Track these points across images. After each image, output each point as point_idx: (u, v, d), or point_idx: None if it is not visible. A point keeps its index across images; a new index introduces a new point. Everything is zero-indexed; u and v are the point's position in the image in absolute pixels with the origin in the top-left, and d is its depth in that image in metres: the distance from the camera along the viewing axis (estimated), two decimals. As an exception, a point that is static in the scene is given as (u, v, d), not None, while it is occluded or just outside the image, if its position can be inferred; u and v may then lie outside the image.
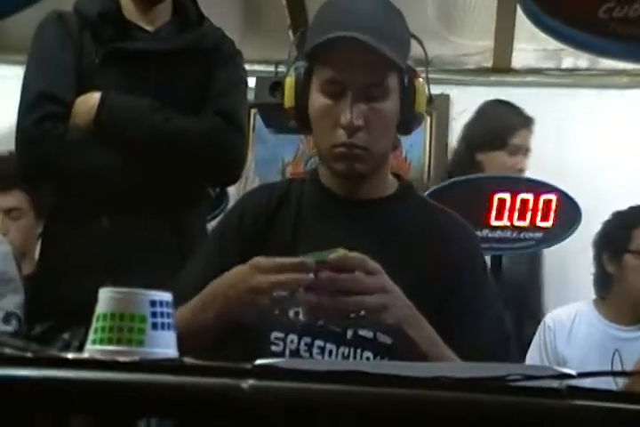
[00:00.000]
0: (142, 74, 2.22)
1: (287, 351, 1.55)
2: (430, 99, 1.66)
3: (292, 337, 1.56)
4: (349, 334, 1.55)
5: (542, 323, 3.03)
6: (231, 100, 2.25)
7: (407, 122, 1.64)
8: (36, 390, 0.88)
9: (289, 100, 1.63)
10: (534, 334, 3.01)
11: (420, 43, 1.66)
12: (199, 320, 1.50)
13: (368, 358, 1.54)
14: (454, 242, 1.63)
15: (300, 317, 1.53)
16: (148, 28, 2.28)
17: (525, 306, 3.44)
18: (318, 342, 1.55)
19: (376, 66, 1.56)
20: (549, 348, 2.98)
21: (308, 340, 1.56)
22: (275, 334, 1.57)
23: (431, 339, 1.47)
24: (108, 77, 2.21)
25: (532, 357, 2.93)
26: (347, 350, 1.55)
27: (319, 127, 1.61)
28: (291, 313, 1.55)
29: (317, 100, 1.59)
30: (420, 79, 1.63)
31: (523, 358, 2.81)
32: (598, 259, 3.02)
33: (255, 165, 4.23)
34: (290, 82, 1.63)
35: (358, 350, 1.55)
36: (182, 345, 1.09)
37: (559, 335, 2.97)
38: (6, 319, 2.06)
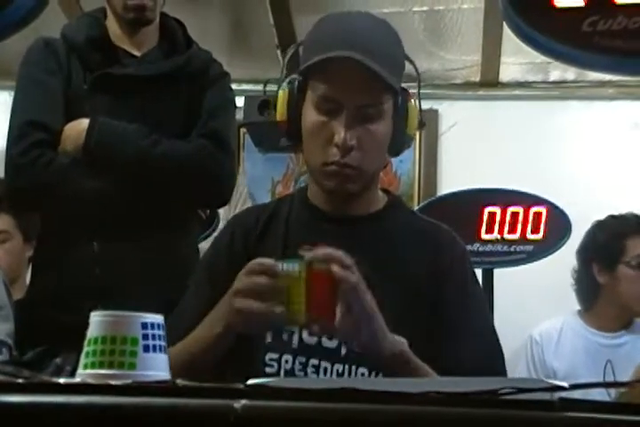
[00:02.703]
0: (130, 99, 2.22)
1: (282, 372, 1.55)
2: (422, 122, 1.66)
3: (287, 357, 1.56)
4: (343, 350, 1.55)
5: (529, 337, 3.03)
6: (219, 123, 2.25)
7: (398, 144, 1.64)
8: (28, 415, 0.88)
9: (281, 113, 1.62)
10: None
11: (413, 64, 1.65)
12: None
13: (363, 375, 1.54)
14: (443, 256, 1.63)
15: (294, 338, 1.54)
16: (135, 52, 2.28)
17: None
18: (313, 361, 1.55)
19: (373, 87, 1.55)
20: (538, 361, 2.98)
21: (303, 359, 1.55)
22: (269, 356, 1.56)
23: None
24: (97, 103, 2.21)
25: (520, 371, 2.93)
26: (341, 367, 1.55)
27: (311, 143, 1.59)
28: (284, 335, 1.55)
29: (311, 115, 1.58)
30: (413, 101, 1.63)
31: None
32: (586, 270, 3.00)
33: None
34: (283, 95, 1.61)
35: (353, 367, 1.55)
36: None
37: (547, 348, 2.98)
38: None
